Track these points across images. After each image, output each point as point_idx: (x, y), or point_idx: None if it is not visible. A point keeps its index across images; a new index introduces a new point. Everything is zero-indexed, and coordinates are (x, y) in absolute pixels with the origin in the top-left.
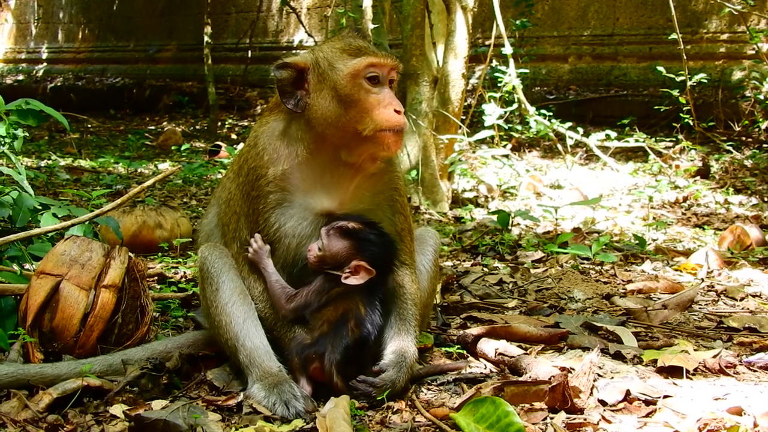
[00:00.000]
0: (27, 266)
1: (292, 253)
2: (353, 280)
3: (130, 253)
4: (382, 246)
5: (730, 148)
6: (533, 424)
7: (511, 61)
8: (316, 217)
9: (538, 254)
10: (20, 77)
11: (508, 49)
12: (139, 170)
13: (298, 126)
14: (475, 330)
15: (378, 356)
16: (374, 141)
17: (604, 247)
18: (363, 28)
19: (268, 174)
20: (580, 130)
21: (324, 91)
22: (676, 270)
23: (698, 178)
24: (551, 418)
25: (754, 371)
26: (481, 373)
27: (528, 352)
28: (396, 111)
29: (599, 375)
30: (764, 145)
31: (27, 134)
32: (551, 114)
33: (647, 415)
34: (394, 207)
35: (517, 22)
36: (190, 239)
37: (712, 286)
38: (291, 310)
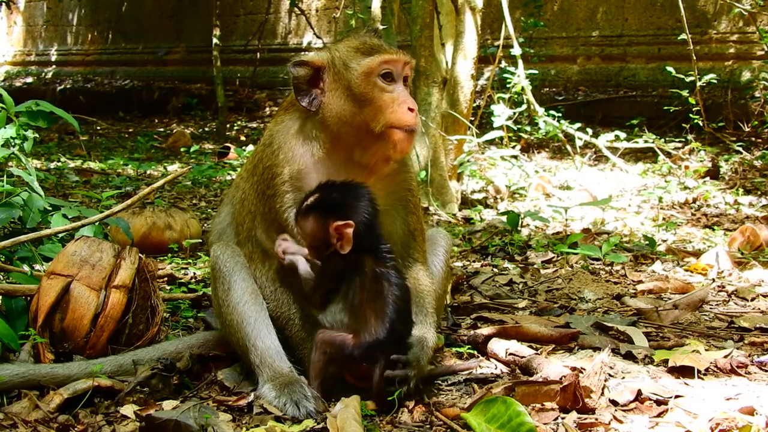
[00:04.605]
0: (37, 267)
1: None
2: (346, 246)
3: (140, 254)
4: (345, 193)
5: (740, 149)
6: (544, 424)
7: (520, 62)
8: None
9: (548, 255)
10: (29, 80)
11: (517, 50)
12: (148, 172)
13: (313, 125)
14: (485, 330)
15: None
16: (385, 139)
17: (614, 247)
18: (374, 28)
19: (283, 173)
20: (589, 131)
21: (339, 90)
22: (687, 270)
23: (708, 178)
24: (562, 418)
25: (766, 371)
26: (492, 373)
27: (539, 352)
28: (409, 109)
29: (610, 375)
30: None
31: (37, 136)
32: (560, 115)
33: (659, 415)
34: (408, 207)
35: (530, 21)
36: (200, 240)
37: (723, 287)
38: (318, 297)
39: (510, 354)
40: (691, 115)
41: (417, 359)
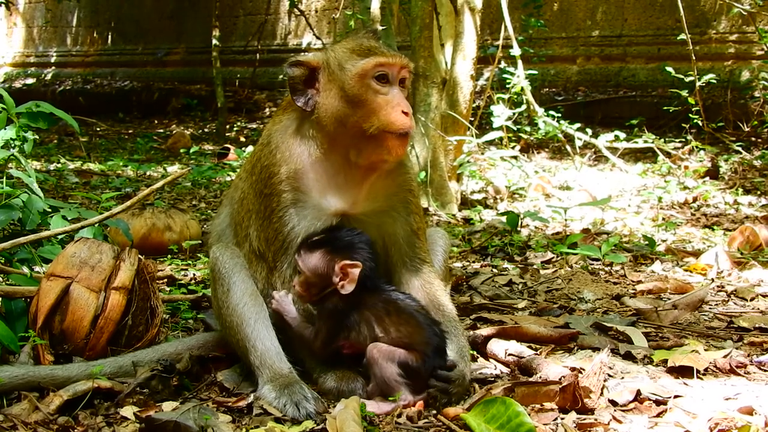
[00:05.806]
0: (37, 269)
1: None
2: (349, 286)
3: (140, 255)
4: (353, 236)
5: (739, 149)
6: (544, 424)
7: (520, 63)
8: (329, 218)
9: (548, 255)
10: (29, 81)
11: (516, 51)
12: (147, 173)
13: (310, 125)
14: (485, 331)
15: None
16: (379, 141)
17: (613, 247)
18: (372, 29)
19: (281, 172)
20: (589, 131)
21: (333, 90)
22: (686, 270)
23: (707, 178)
24: (562, 419)
25: (765, 371)
26: (492, 373)
27: (538, 352)
28: (403, 112)
29: (609, 375)
30: None
31: (37, 137)
32: (560, 115)
33: (658, 415)
34: (409, 208)
35: (531, 21)
36: (200, 241)
37: (722, 287)
38: (320, 347)
39: (509, 354)
40: (690, 115)
41: (463, 375)
